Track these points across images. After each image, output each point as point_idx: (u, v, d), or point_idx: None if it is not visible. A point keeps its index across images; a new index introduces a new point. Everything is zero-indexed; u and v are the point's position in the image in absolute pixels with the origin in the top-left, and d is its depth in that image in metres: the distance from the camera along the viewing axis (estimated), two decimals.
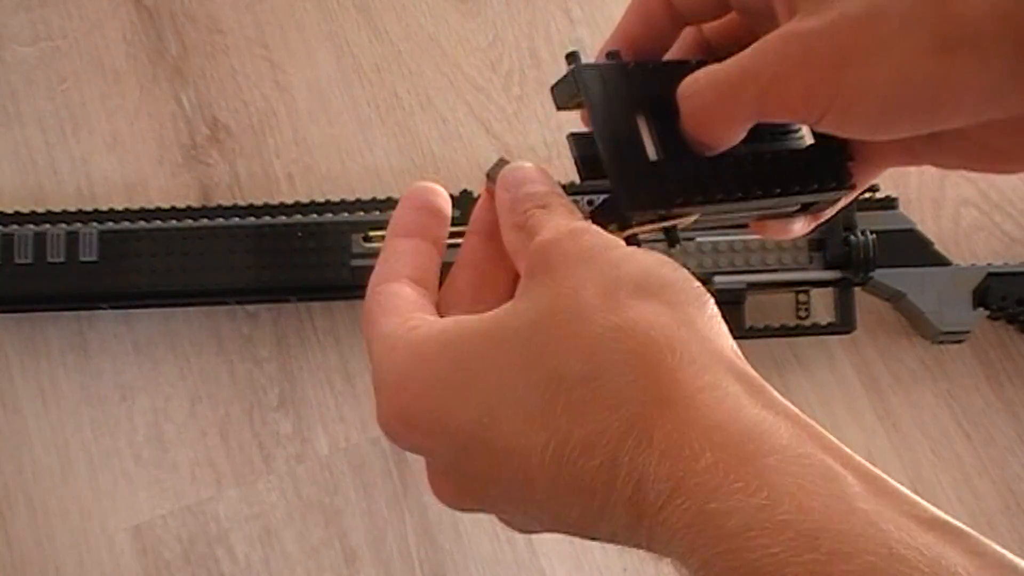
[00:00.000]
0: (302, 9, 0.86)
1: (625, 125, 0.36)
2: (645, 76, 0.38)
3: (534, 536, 0.75)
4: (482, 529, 0.75)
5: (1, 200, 0.82)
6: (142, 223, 0.75)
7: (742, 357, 0.32)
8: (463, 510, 0.36)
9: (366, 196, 0.77)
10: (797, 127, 0.41)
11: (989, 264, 0.76)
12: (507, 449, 0.30)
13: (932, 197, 0.82)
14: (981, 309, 0.76)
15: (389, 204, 0.75)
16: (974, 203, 0.82)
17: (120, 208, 0.77)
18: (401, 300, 0.36)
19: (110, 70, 0.85)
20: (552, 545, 0.75)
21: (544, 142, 0.84)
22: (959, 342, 0.77)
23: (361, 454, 0.77)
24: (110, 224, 0.75)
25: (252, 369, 0.78)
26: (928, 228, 0.79)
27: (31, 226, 0.75)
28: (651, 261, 0.32)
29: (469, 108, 0.85)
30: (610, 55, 0.39)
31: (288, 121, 0.84)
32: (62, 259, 0.74)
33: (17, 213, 0.77)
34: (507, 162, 0.40)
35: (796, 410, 0.30)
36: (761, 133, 0.38)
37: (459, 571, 0.74)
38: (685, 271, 0.33)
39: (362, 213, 0.75)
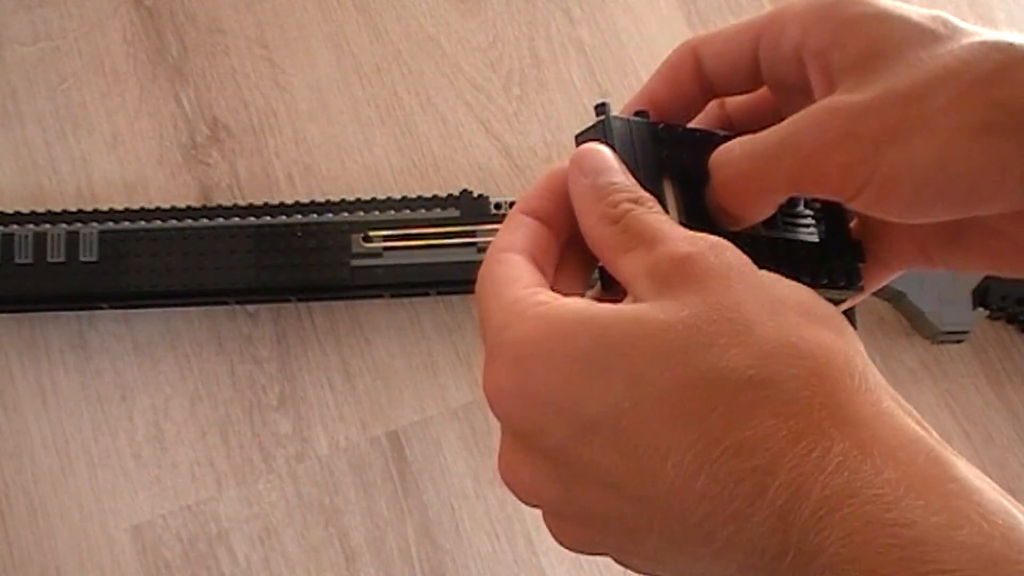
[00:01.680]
0: (302, 9, 0.86)
1: (650, 186, 0.35)
2: (674, 140, 0.38)
3: (534, 535, 0.75)
4: (482, 529, 0.75)
5: (1, 200, 0.82)
6: (142, 223, 0.75)
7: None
8: (533, 502, 0.34)
9: (366, 196, 0.77)
10: (810, 219, 0.40)
11: None
12: (641, 442, 0.29)
13: None
14: (981, 309, 0.76)
15: (389, 204, 0.75)
16: None
17: (120, 208, 0.77)
18: (526, 272, 0.34)
19: (110, 70, 0.85)
20: (552, 545, 0.75)
21: (544, 142, 0.84)
22: (959, 342, 0.77)
23: (361, 454, 0.77)
24: (110, 224, 0.75)
25: (252, 369, 0.78)
26: None
27: (31, 226, 0.75)
28: (803, 289, 0.32)
29: (469, 108, 0.85)
30: (639, 114, 0.38)
31: (288, 121, 0.84)
32: (62, 259, 0.74)
33: (17, 213, 0.77)
34: (604, 113, 0.37)
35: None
36: (775, 220, 0.38)
37: (459, 571, 0.74)
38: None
39: (362, 213, 0.75)
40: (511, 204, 0.75)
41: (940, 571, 0.25)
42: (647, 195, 0.35)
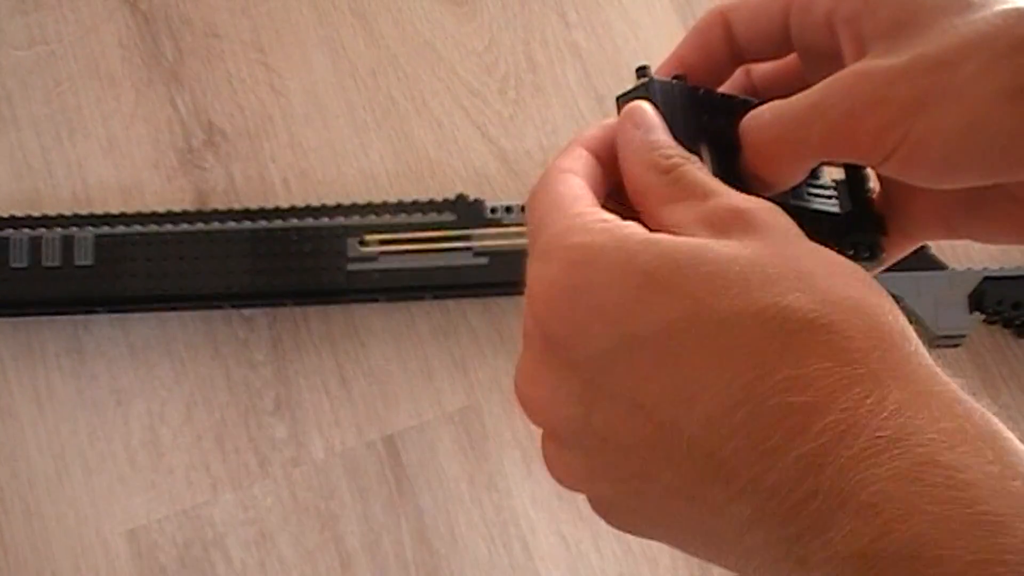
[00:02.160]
0: (298, 13, 0.86)
1: (692, 150, 0.35)
2: (712, 105, 0.38)
3: (530, 540, 0.75)
4: (477, 533, 0.75)
5: None
6: (138, 227, 0.75)
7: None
8: (544, 421, 0.33)
9: (362, 200, 0.77)
10: (832, 191, 0.40)
11: (985, 268, 0.76)
12: (687, 363, 0.28)
13: None
14: (977, 313, 0.76)
15: (384, 208, 0.75)
16: None
17: (116, 212, 0.77)
18: (587, 194, 0.34)
19: (105, 74, 0.85)
20: (548, 549, 0.75)
21: (540, 146, 0.84)
22: (955, 346, 0.77)
23: (357, 458, 0.77)
24: (106, 228, 0.75)
25: (248, 373, 0.78)
26: None
27: (26, 230, 0.75)
28: (850, 262, 0.32)
29: (465, 112, 0.85)
30: (677, 78, 0.38)
31: (284, 125, 0.84)
32: (58, 263, 0.74)
33: (12, 217, 0.77)
34: (647, 76, 0.37)
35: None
36: (801, 190, 0.38)
37: (454, 575, 0.74)
38: None
39: (358, 217, 0.75)
40: (507, 208, 0.75)
41: (990, 513, 0.24)
42: (695, 156, 0.35)
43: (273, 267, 0.74)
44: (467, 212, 0.75)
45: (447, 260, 0.74)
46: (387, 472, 0.77)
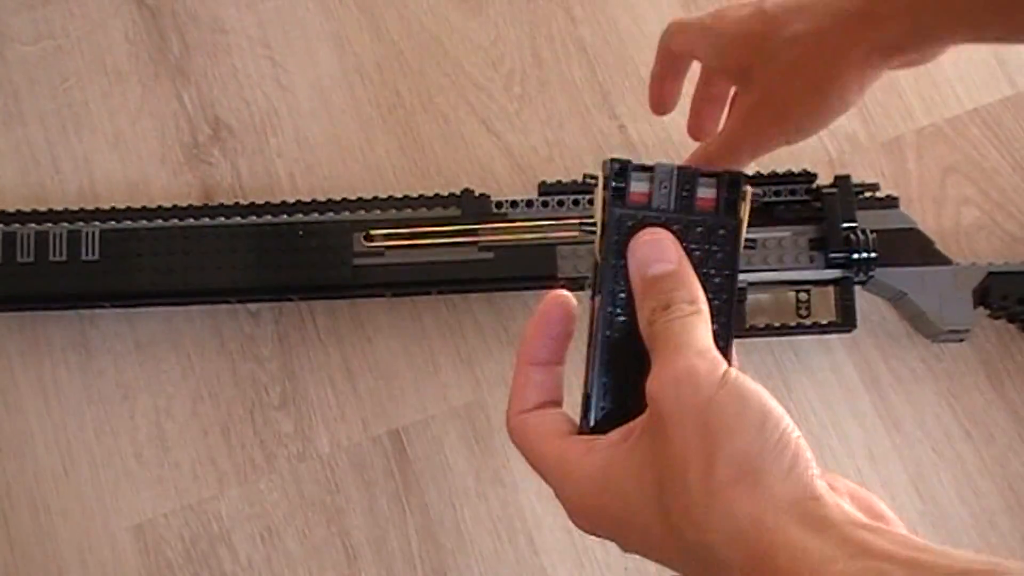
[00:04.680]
0: (304, 8, 0.86)
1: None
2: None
3: (535, 535, 0.75)
4: (483, 528, 0.75)
5: (3, 199, 0.82)
6: (144, 222, 0.75)
7: (817, 495, 0.36)
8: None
9: (368, 195, 0.77)
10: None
11: (990, 263, 0.76)
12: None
13: (933, 196, 0.82)
14: (981, 308, 0.76)
15: (391, 203, 0.75)
16: (975, 202, 0.82)
17: (122, 207, 0.77)
18: (551, 426, 0.44)
19: (112, 69, 0.85)
20: (553, 544, 0.75)
21: (546, 141, 0.84)
22: (960, 340, 0.77)
23: (362, 453, 0.77)
24: (112, 223, 0.75)
25: (254, 368, 0.79)
26: (929, 227, 0.79)
27: (33, 225, 0.75)
28: (752, 436, 0.36)
29: (471, 107, 0.85)
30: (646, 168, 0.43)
31: (290, 120, 0.84)
32: (64, 258, 0.74)
33: (19, 212, 0.77)
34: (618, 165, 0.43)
35: (855, 529, 0.34)
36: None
37: (461, 570, 0.75)
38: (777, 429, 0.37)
39: (364, 212, 0.75)
40: (512, 203, 0.74)
41: None
42: (686, 285, 0.43)
43: (279, 262, 0.73)
44: (473, 207, 0.74)
45: (453, 255, 0.74)
46: (393, 467, 0.77)
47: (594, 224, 0.43)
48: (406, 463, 0.77)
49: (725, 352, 0.40)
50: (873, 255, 0.72)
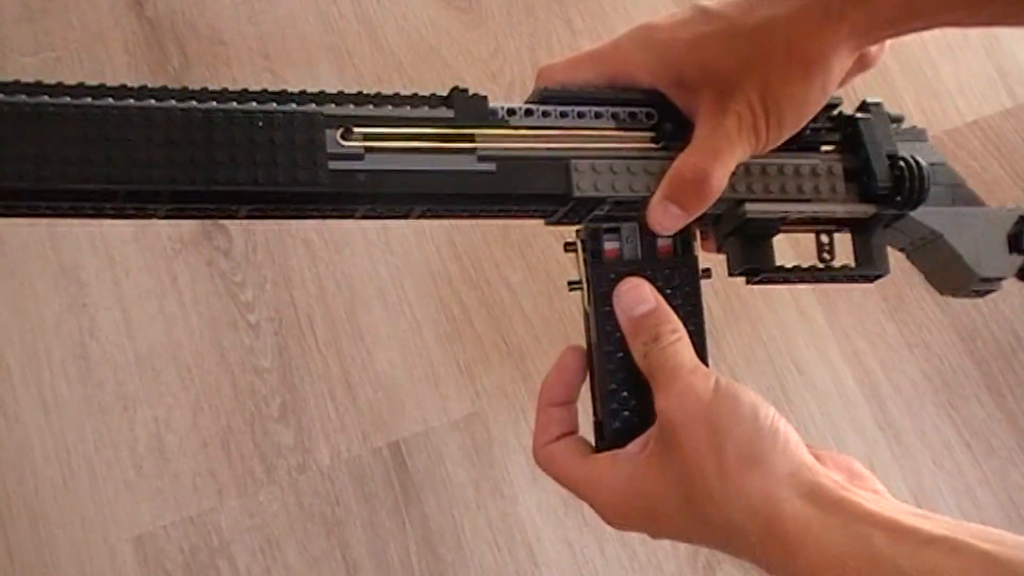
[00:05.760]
0: (304, 20, 0.86)
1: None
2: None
3: (535, 546, 0.75)
4: (483, 539, 0.75)
5: None
6: (58, 98, 0.45)
7: (808, 464, 0.43)
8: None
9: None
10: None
11: (1017, 206, 0.69)
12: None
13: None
14: (1016, 255, 0.68)
15: (368, 98, 0.47)
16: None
17: (30, 80, 0.51)
18: (575, 449, 0.48)
19: (112, 81, 0.85)
20: (553, 556, 0.75)
21: None
22: (991, 291, 0.69)
23: (362, 465, 0.77)
24: (17, 97, 0.48)
25: (254, 380, 0.79)
26: None
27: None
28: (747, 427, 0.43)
29: None
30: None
31: None
32: None
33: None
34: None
35: (842, 495, 0.41)
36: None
37: None
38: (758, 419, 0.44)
39: (335, 106, 0.51)
40: (510, 111, 0.55)
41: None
42: (666, 323, 0.48)
43: (231, 159, 0.47)
44: (467, 108, 0.54)
45: (448, 164, 0.52)
46: (393, 478, 0.77)
47: (578, 283, 0.49)
48: (406, 475, 0.76)
49: (704, 362, 0.48)
50: (927, 188, 0.61)
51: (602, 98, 0.52)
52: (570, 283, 0.49)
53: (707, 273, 0.51)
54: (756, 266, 0.51)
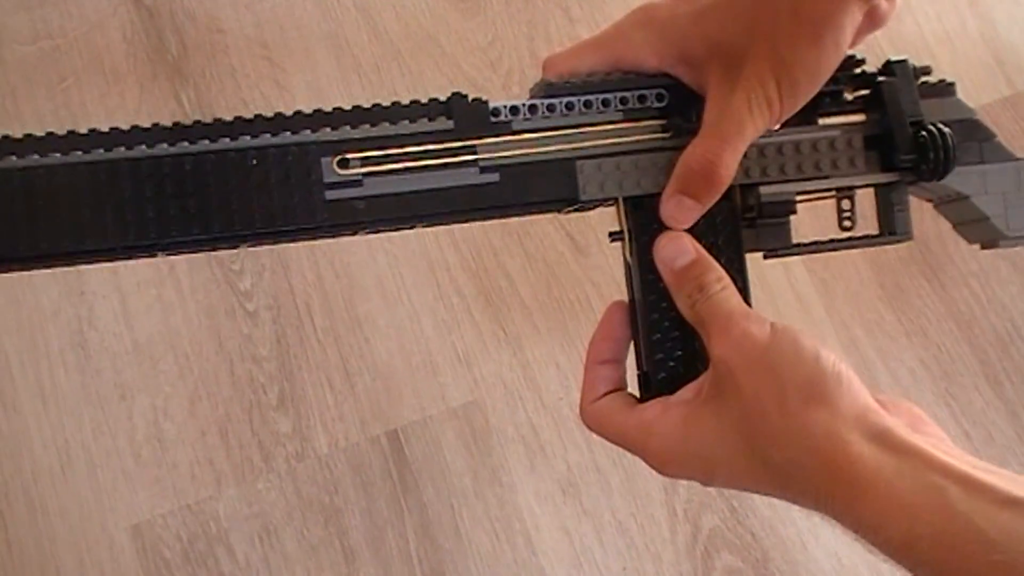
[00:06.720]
0: (302, 8, 0.86)
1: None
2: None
3: (533, 535, 0.75)
4: (481, 528, 0.75)
5: None
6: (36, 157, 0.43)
7: (873, 407, 0.41)
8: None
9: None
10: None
11: None
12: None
13: None
14: None
15: (364, 115, 0.40)
16: None
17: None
18: (622, 402, 0.47)
19: (110, 69, 0.85)
20: (552, 544, 0.75)
21: None
22: (1018, 245, 0.66)
23: (361, 453, 0.77)
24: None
25: (252, 368, 0.78)
26: (928, 230, 0.79)
27: None
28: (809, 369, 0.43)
29: None
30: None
31: None
32: None
33: None
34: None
35: (912, 441, 0.40)
36: None
37: (459, 570, 0.74)
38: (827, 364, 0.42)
39: (330, 130, 0.48)
40: (513, 109, 0.53)
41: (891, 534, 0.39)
42: (710, 272, 0.48)
43: (226, 203, 0.42)
44: (468, 116, 0.51)
45: (449, 180, 0.49)
46: (391, 467, 0.77)
47: (619, 233, 0.48)
48: (404, 463, 0.76)
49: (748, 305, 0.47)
50: (952, 159, 0.58)
51: (609, 85, 0.51)
52: (611, 234, 0.49)
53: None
54: (773, 246, 0.51)
